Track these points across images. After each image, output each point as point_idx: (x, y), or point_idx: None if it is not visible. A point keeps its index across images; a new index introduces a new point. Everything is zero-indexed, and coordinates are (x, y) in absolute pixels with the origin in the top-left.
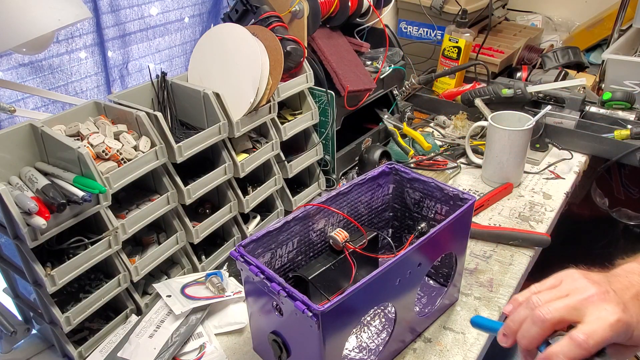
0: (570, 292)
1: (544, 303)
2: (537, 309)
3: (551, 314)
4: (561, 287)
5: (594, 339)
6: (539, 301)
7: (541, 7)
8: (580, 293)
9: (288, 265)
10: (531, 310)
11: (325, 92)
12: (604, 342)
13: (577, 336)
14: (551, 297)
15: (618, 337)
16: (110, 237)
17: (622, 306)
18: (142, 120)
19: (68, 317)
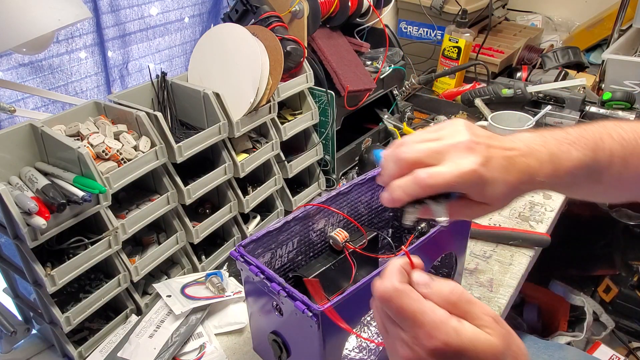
0: (443, 137)
1: (410, 142)
2: (399, 147)
3: (408, 153)
4: (440, 132)
5: (435, 180)
6: (407, 140)
7: (541, 7)
8: (450, 139)
9: (288, 265)
10: (396, 148)
11: (325, 92)
12: (446, 186)
13: (419, 173)
14: (422, 138)
15: (467, 188)
16: (110, 237)
17: (484, 160)
18: (142, 120)
19: (68, 317)
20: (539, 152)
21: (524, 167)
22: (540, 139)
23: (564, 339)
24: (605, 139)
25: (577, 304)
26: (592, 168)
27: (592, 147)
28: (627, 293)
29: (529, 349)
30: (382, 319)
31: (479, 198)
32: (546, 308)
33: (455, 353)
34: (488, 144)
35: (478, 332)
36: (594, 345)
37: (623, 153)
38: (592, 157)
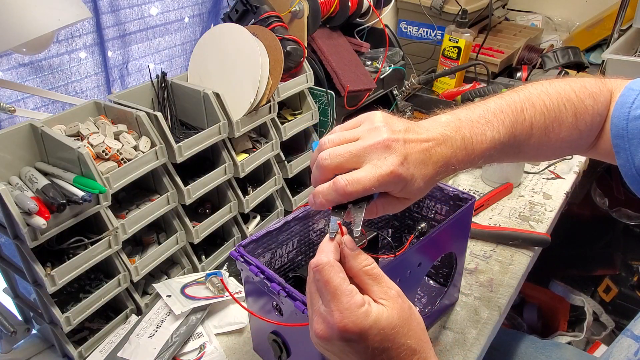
0: (361, 136)
1: (329, 145)
2: (320, 153)
3: (329, 160)
4: (357, 129)
5: (355, 187)
6: (326, 143)
7: (541, 7)
8: (368, 139)
9: (288, 265)
10: (317, 153)
11: (325, 92)
12: (365, 192)
13: (338, 181)
14: (340, 139)
15: (387, 188)
16: (110, 237)
17: (402, 158)
18: (142, 120)
19: (68, 317)
20: (452, 138)
21: (439, 157)
22: (454, 122)
23: (564, 339)
24: (527, 109)
25: (577, 304)
26: (508, 144)
27: (511, 123)
28: (627, 293)
29: (528, 349)
30: (310, 291)
31: (400, 195)
32: (546, 308)
33: (360, 332)
34: (405, 139)
35: (381, 310)
36: (594, 345)
37: (544, 123)
38: (509, 133)
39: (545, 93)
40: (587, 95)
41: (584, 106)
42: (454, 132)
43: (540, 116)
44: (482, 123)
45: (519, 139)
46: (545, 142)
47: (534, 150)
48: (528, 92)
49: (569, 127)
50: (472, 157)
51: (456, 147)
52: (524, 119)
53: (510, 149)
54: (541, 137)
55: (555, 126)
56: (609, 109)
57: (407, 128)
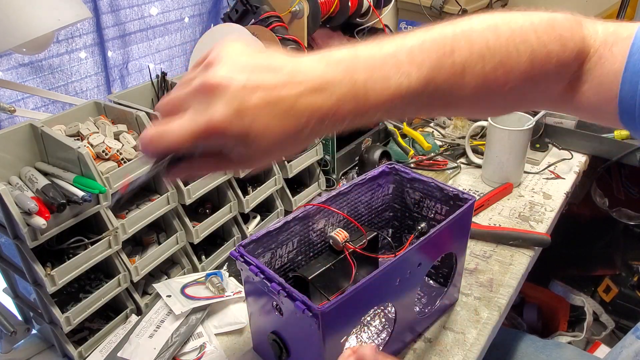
0: (197, 76)
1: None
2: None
3: (158, 107)
4: (205, 68)
5: (157, 145)
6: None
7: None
8: (205, 77)
9: (288, 265)
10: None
11: None
12: (177, 149)
13: (143, 136)
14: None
15: (209, 146)
16: (110, 237)
17: (231, 108)
18: (142, 120)
19: (68, 317)
20: (337, 83)
21: (307, 109)
22: (348, 61)
23: (564, 339)
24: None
25: (577, 304)
26: (425, 94)
27: (431, 66)
28: (627, 293)
29: (528, 349)
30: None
31: (235, 156)
32: (546, 308)
33: None
34: (248, 81)
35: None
36: (594, 345)
37: (483, 69)
38: (426, 80)
39: (493, 28)
40: (553, 38)
41: (545, 52)
42: (343, 74)
43: (478, 59)
44: (389, 65)
45: (443, 89)
46: (485, 95)
47: (470, 103)
48: (469, 25)
49: (520, 76)
50: (365, 108)
51: (341, 95)
52: (453, 63)
53: (429, 99)
54: (478, 87)
55: (499, 74)
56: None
57: (268, 66)
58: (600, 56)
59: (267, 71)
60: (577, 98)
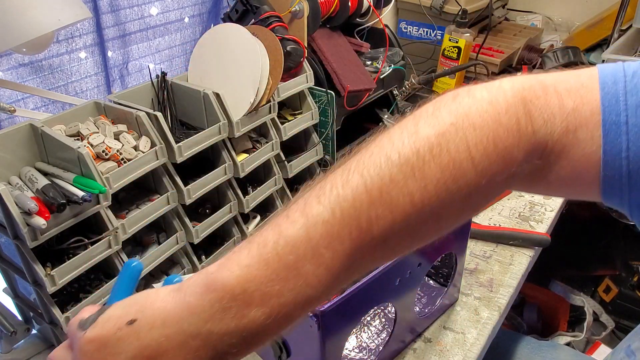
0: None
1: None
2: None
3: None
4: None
5: None
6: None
7: (541, 7)
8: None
9: None
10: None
11: (325, 92)
12: None
13: None
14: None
15: None
16: (110, 237)
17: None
18: (142, 120)
19: (68, 317)
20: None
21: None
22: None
23: (563, 339)
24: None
25: (577, 304)
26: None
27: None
28: (627, 293)
29: (522, 350)
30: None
31: None
32: (546, 308)
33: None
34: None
35: None
36: (594, 345)
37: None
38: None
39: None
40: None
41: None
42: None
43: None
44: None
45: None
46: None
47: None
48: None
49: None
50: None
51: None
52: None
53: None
54: (408, 244)
55: (430, 227)
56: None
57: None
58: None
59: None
60: (540, 188)
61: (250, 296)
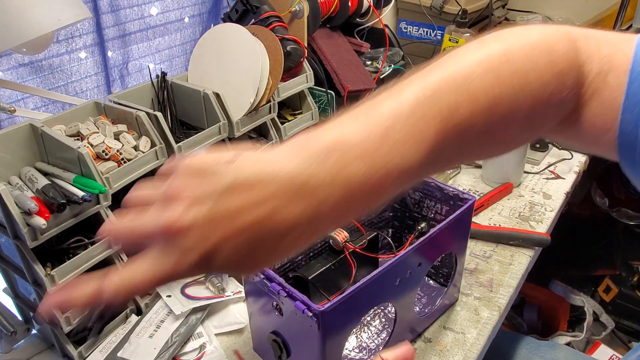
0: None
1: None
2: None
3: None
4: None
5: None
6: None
7: (541, 7)
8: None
9: (288, 265)
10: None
11: (325, 92)
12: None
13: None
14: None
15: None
16: None
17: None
18: (142, 120)
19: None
20: (321, 186)
21: (280, 226)
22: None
23: (564, 339)
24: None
25: (577, 304)
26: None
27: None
28: (627, 293)
29: (521, 350)
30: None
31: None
32: (546, 308)
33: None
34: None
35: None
36: (594, 345)
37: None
38: (425, 156)
39: (493, 73)
40: (553, 75)
41: (547, 95)
42: (330, 171)
43: (480, 115)
44: (386, 147)
45: (445, 155)
46: (485, 147)
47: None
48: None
49: (520, 125)
50: (357, 204)
51: (326, 197)
52: (455, 126)
53: (430, 169)
54: (479, 145)
55: (501, 127)
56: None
57: (226, 188)
58: (596, 88)
59: (230, 193)
60: (570, 131)
61: (351, 150)
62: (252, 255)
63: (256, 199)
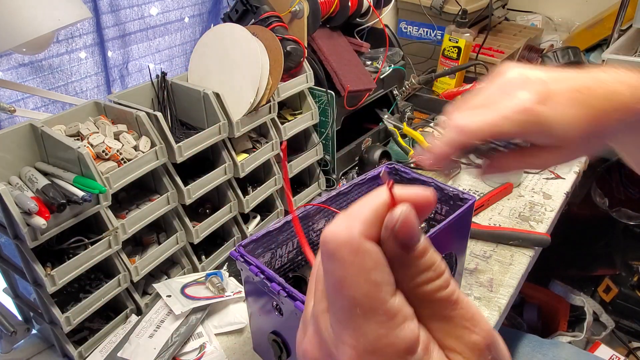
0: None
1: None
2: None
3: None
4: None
5: (475, 124)
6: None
7: (541, 7)
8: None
9: (288, 265)
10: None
11: (325, 92)
12: (490, 132)
13: (456, 117)
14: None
15: (521, 131)
16: (110, 237)
17: (541, 96)
18: (142, 120)
19: (68, 317)
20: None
21: (607, 93)
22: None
23: (564, 339)
24: None
25: (577, 304)
26: None
27: None
28: (627, 293)
29: (524, 348)
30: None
31: (546, 141)
32: (546, 308)
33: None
34: (556, 77)
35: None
36: (594, 345)
37: None
38: None
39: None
40: None
41: None
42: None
43: None
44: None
45: None
46: None
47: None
48: None
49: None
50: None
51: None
52: None
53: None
54: None
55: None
56: None
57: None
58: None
59: (568, 73)
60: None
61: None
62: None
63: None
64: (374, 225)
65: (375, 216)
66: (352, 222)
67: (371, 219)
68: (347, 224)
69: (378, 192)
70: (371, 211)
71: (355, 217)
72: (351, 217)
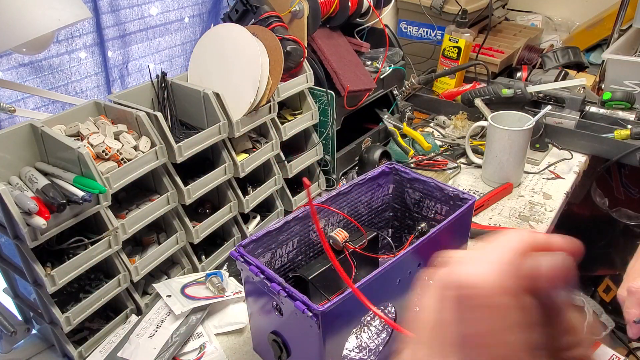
0: None
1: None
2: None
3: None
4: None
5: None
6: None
7: (541, 7)
8: None
9: (288, 265)
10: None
11: (325, 92)
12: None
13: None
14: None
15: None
16: (110, 237)
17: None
18: (142, 120)
19: (68, 317)
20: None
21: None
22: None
23: None
24: None
25: (577, 304)
26: None
27: None
28: None
29: None
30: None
31: None
32: None
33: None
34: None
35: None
36: (594, 345)
37: None
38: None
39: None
40: None
41: None
42: None
43: None
44: None
45: None
46: None
47: None
48: None
49: None
50: None
51: None
52: None
53: None
54: None
55: None
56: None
57: None
58: None
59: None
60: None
61: None
62: None
63: None
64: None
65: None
66: (499, 266)
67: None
68: (493, 268)
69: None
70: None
71: (500, 261)
72: (494, 262)
